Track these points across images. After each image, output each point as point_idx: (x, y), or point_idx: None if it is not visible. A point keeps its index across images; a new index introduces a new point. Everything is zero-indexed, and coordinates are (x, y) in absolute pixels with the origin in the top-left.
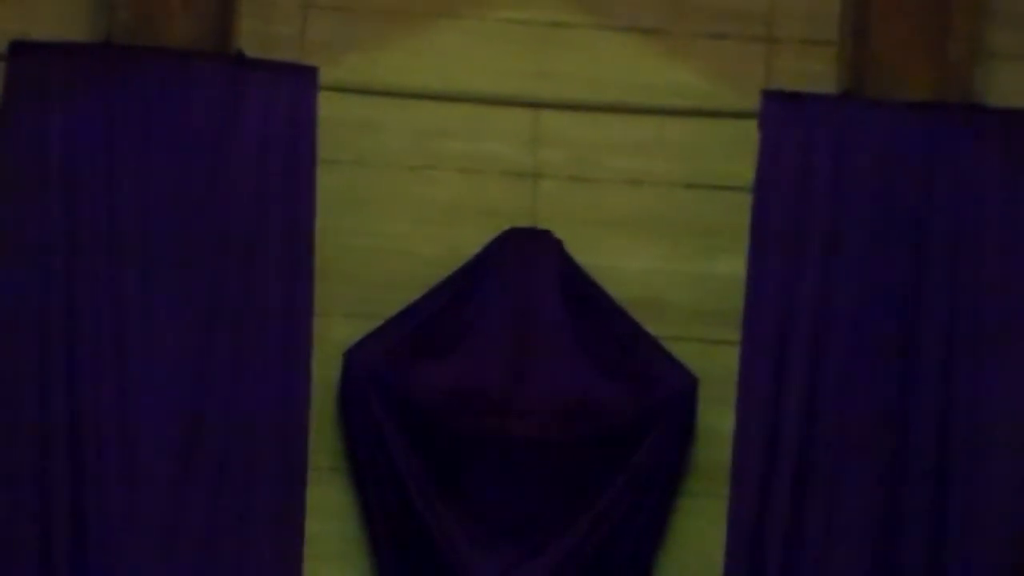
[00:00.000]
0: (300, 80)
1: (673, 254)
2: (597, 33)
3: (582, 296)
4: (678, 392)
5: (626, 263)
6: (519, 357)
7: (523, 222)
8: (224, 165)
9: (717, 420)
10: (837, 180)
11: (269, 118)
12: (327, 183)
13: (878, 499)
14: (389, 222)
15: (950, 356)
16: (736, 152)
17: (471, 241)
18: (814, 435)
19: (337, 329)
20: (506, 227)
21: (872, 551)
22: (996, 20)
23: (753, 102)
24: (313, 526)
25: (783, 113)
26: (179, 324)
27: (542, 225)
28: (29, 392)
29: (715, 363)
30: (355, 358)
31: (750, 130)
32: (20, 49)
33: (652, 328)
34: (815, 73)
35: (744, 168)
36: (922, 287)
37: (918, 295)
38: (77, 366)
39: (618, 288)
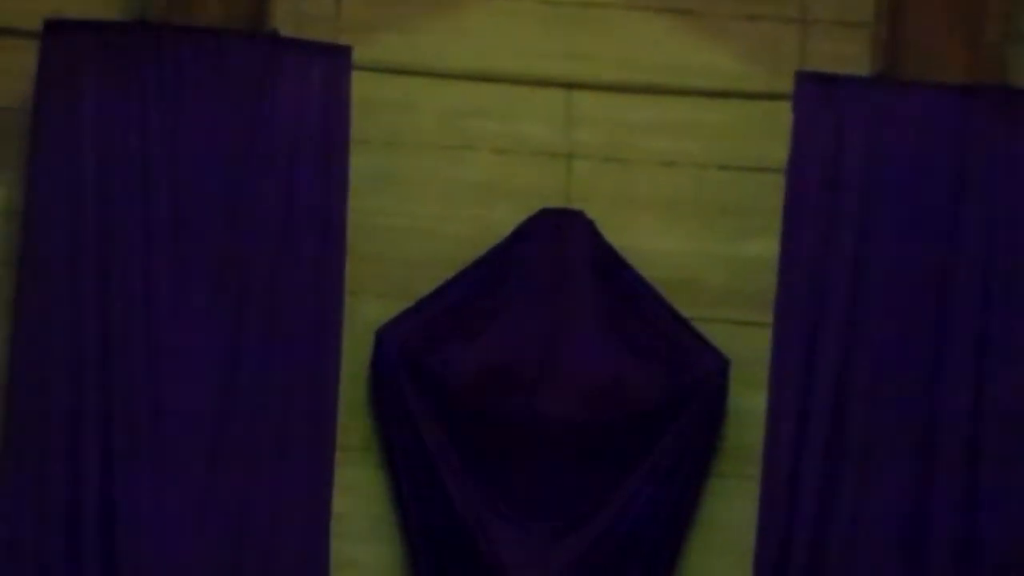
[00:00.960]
0: (334, 60)
1: (706, 235)
2: (631, 14)
3: (614, 277)
4: (710, 373)
5: (658, 244)
6: (551, 337)
7: (556, 202)
8: (257, 144)
9: (748, 401)
10: (870, 162)
11: (303, 98)
12: (360, 163)
13: (910, 481)
14: (422, 202)
15: (984, 337)
16: (769, 134)
17: (504, 221)
18: (845, 417)
19: (369, 309)
20: (539, 207)
21: (903, 533)
22: None
23: (787, 83)
24: (342, 505)
25: (817, 95)
26: (211, 303)
27: (575, 206)
28: (60, 376)
29: (747, 344)
30: (386, 338)
31: (784, 112)
32: (54, 27)
33: (684, 309)
34: (849, 55)
35: (777, 150)
36: (955, 269)
37: (951, 277)
38: (109, 346)
39: (650, 269)
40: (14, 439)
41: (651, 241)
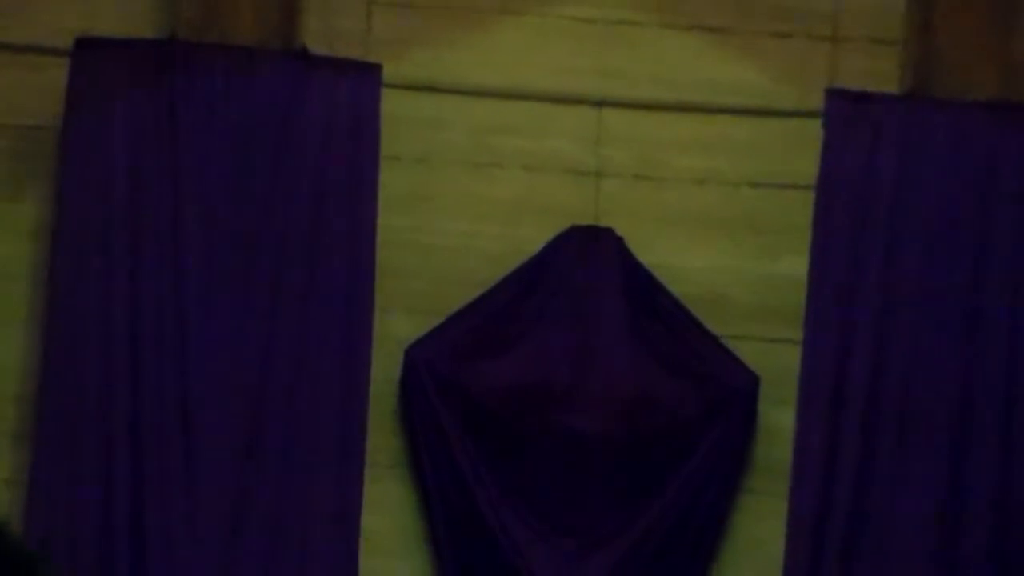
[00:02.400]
0: (364, 77)
1: (735, 252)
2: (661, 31)
3: (644, 294)
4: (739, 390)
5: (688, 261)
6: (580, 354)
7: (585, 220)
8: (287, 162)
9: (778, 418)
10: (900, 180)
11: (333, 115)
12: (390, 180)
13: (940, 498)
14: (451, 219)
15: (1014, 355)
16: (800, 151)
17: (533, 239)
18: (875, 434)
19: (398, 325)
20: (568, 225)
21: (934, 551)
22: None
23: (817, 101)
24: (373, 522)
25: (847, 112)
26: (241, 319)
27: (604, 223)
28: (91, 384)
29: (777, 362)
30: (416, 354)
31: (814, 129)
32: (85, 45)
33: (714, 326)
34: (880, 72)
35: (808, 167)
36: (985, 287)
37: (981, 294)
38: (140, 362)
39: (680, 286)
40: (45, 445)
41: (680, 258)
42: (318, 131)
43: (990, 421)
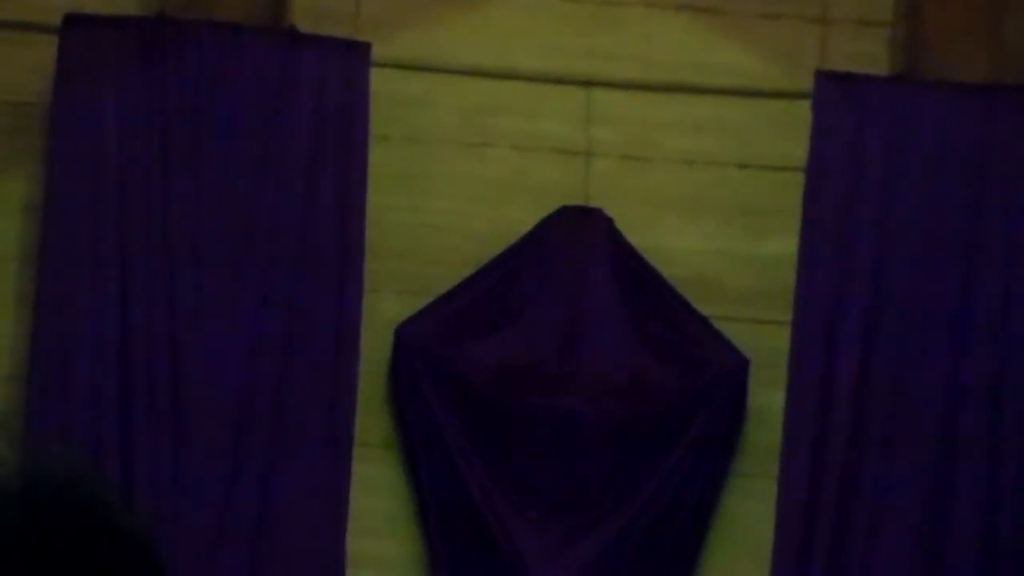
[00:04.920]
0: (353, 56)
1: (725, 234)
2: (651, 12)
3: (633, 275)
4: (729, 372)
5: (678, 242)
6: (570, 335)
7: (575, 200)
8: (276, 141)
9: (768, 400)
10: (889, 162)
11: (322, 94)
12: (379, 159)
13: (929, 480)
14: (441, 199)
15: (1004, 336)
16: (789, 133)
17: (523, 219)
18: (864, 416)
19: (388, 306)
20: (558, 205)
21: (922, 533)
22: None
23: (806, 83)
24: (362, 502)
25: (836, 94)
26: (230, 299)
27: (594, 203)
28: (80, 369)
29: (766, 343)
30: (405, 335)
31: (803, 110)
32: (73, 22)
33: (703, 308)
34: (869, 54)
35: (797, 149)
36: (975, 270)
37: (971, 278)
38: (129, 339)
39: (669, 267)
40: (34, 432)
41: (670, 239)
42: (307, 110)
43: (982, 404)
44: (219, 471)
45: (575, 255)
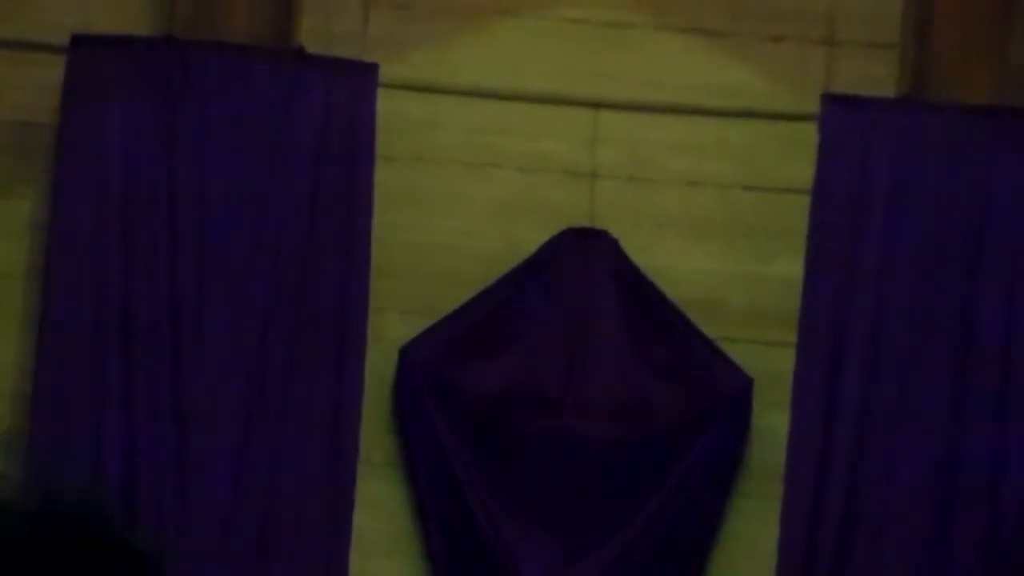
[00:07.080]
0: (360, 77)
1: (730, 255)
2: (656, 33)
3: (638, 296)
4: (733, 393)
5: (682, 264)
6: (574, 356)
7: (580, 221)
8: (282, 161)
9: (772, 421)
10: (896, 184)
11: (329, 114)
12: (385, 180)
13: (932, 503)
14: (446, 219)
15: (1007, 363)
16: (795, 155)
17: (528, 240)
18: (868, 438)
19: (393, 326)
20: (563, 226)
21: (926, 557)
22: None
23: (813, 104)
24: (365, 521)
25: (842, 116)
26: (235, 319)
27: (599, 225)
28: (84, 385)
29: (771, 365)
30: (410, 355)
31: (809, 133)
32: (81, 43)
33: (708, 329)
34: (876, 76)
35: (802, 171)
36: (980, 295)
37: (976, 302)
38: (133, 361)
39: (674, 288)
40: (39, 449)
41: (675, 261)
42: (314, 130)
43: (984, 424)
44: (220, 495)
45: (580, 276)
